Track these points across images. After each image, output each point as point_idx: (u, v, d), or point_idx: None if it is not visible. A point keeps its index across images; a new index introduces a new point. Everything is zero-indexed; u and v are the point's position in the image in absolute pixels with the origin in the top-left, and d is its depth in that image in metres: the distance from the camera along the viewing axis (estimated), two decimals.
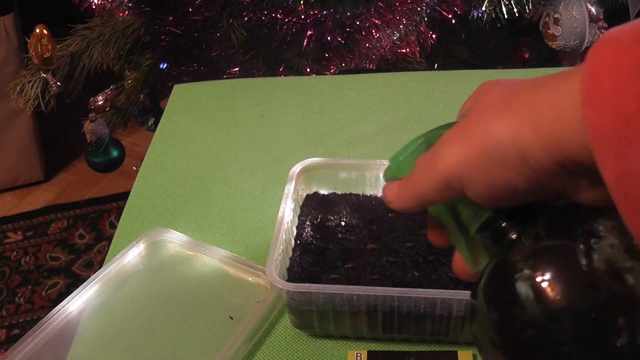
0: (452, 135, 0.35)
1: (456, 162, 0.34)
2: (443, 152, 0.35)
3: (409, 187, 0.38)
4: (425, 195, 0.37)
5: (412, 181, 0.38)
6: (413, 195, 0.38)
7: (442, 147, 0.35)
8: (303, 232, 0.64)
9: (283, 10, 1.37)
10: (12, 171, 2.02)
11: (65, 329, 0.62)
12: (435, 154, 0.35)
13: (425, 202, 0.38)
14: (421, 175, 0.37)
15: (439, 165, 0.35)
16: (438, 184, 0.35)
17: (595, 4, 1.26)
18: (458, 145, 0.34)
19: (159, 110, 1.75)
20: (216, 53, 1.37)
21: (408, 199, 0.38)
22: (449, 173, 0.34)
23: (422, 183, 0.36)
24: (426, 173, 0.36)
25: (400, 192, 0.39)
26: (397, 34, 1.28)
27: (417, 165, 0.38)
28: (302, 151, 0.84)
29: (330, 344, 0.60)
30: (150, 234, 0.70)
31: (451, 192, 0.35)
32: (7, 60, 1.87)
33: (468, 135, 0.33)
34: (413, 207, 0.39)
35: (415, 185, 0.37)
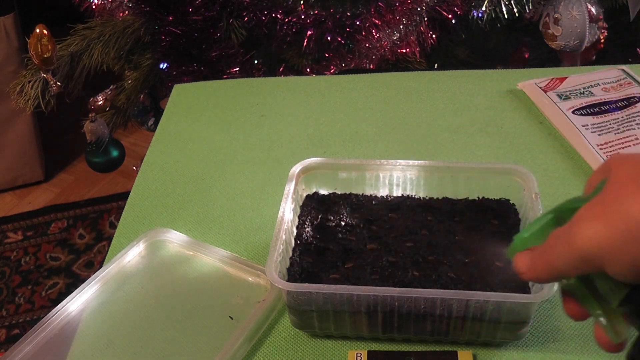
0: (589, 213, 0.36)
1: (596, 242, 0.35)
2: (581, 230, 0.36)
3: (542, 260, 0.40)
4: (560, 270, 0.38)
5: (546, 255, 0.39)
6: (547, 269, 0.39)
7: (580, 224, 0.36)
8: (303, 232, 0.64)
9: (283, 10, 1.37)
10: (12, 171, 2.02)
11: (65, 329, 0.62)
12: (572, 230, 0.36)
13: (559, 275, 0.39)
14: (556, 250, 0.38)
15: (577, 242, 0.36)
16: (575, 260, 0.36)
17: (595, 4, 1.26)
18: (597, 224, 0.35)
19: (159, 110, 1.75)
20: (216, 53, 1.37)
21: (541, 271, 0.40)
22: (587, 251, 0.35)
23: (558, 258, 0.38)
24: (562, 248, 0.37)
25: (532, 264, 0.41)
26: (397, 34, 1.28)
27: (552, 240, 0.39)
28: (302, 151, 0.84)
29: (330, 344, 0.60)
30: (150, 234, 0.70)
31: (589, 268, 0.36)
32: (7, 60, 1.86)
33: (607, 213, 0.34)
34: (546, 279, 0.40)
35: (549, 259, 0.39)
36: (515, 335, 0.57)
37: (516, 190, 0.65)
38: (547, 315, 0.60)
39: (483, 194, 0.67)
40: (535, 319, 0.60)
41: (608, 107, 0.84)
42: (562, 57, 1.36)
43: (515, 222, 0.64)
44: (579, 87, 0.88)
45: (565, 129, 0.83)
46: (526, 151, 0.81)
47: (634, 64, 0.93)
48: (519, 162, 0.78)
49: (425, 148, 0.82)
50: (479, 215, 0.65)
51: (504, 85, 0.92)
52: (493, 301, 0.53)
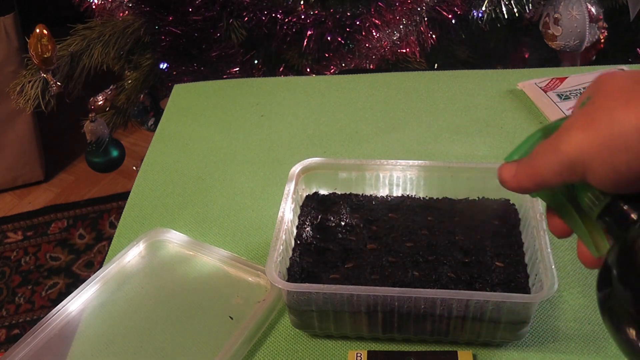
0: (575, 122, 0.36)
1: (581, 147, 0.35)
2: (567, 137, 0.36)
3: (527, 168, 0.40)
4: (544, 177, 0.38)
5: (532, 163, 0.39)
6: (531, 177, 0.39)
7: (566, 132, 0.36)
8: (303, 232, 0.64)
9: (283, 10, 1.37)
10: (12, 171, 2.02)
11: (65, 329, 0.62)
12: (558, 139, 0.37)
13: (543, 183, 0.39)
14: (542, 157, 0.38)
15: (562, 148, 0.36)
16: (560, 167, 0.37)
17: (595, 4, 1.26)
18: (582, 131, 0.35)
19: (159, 110, 1.75)
20: (216, 53, 1.37)
21: (525, 179, 0.40)
22: (572, 157, 0.36)
23: (543, 165, 0.38)
24: (548, 155, 0.38)
25: (517, 173, 0.41)
26: (397, 34, 1.28)
27: (538, 149, 0.39)
28: (302, 151, 0.84)
29: (330, 344, 0.60)
30: (150, 234, 0.70)
31: (572, 176, 0.37)
32: (7, 60, 1.86)
33: (592, 122, 0.35)
34: (529, 187, 0.40)
35: (534, 167, 0.39)
36: (515, 335, 0.57)
37: None
38: (547, 315, 0.60)
39: (483, 194, 0.67)
40: (535, 319, 0.60)
41: None
42: (562, 57, 1.36)
43: (515, 222, 0.64)
44: (579, 87, 0.88)
45: None
46: None
47: (634, 64, 0.93)
48: None
49: (425, 148, 0.82)
50: (479, 215, 0.65)
51: (504, 85, 0.92)
52: (493, 301, 0.53)
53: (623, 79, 0.36)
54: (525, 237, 0.62)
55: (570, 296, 0.62)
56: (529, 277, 0.58)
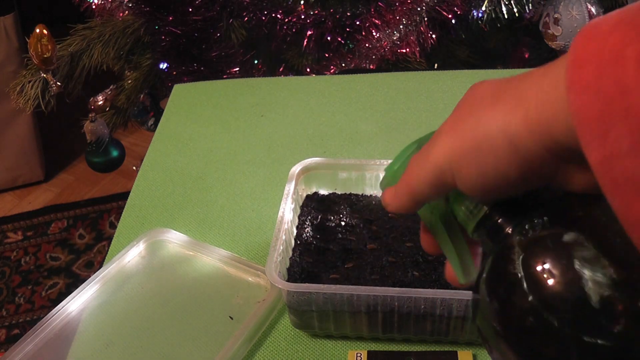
0: (442, 129, 0.35)
1: (446, 153, 0.34)
2: (434, 146, 0.35)
3: (403, 186, 0.39)
4: (418, 191, 0.37)
5: (406, 179, 0.38)
6: (407, 193, 0.38)
7: (434, 142, 0.36)
8: (303, 232, 0.64)
9: (283, 10, 1.37)
10: (12, 171, 2.02)
11: (65, 329, 0.62)
12: (427, 149, 0.36)
13: (419, 198, 0.38)
14: (414, 170, 0.37)
15: (430, 158, 0.35)
16: (430, 176, 0.36)
17: (595, 4, 1.26)
18: (448, 137, 0.34)
19: (159, 110, 1.75)
20: (216, 53, 1.37)
21: (403, 197, 0.39)
22: (439, 164, 0.35)
23: (415, 178, 0.37)
24: (418, 167, 0.37)
25: (395, 193, 0.40)
26: (397, 34, 1.28)
27: (410, 163, 0.38)
28: (302, 151, 0.84)
29: (330, 344, 0.60)
30: (150, 234, 0.70)
31: (443, 184, 0.35)
32: (7, 60, 1.87)
33: (458, 127, 0.34)
34: (408, 205, 0.39)
35: (409, 182, 0.38)
36: None
37: None
38: None
39: None
40: None
41: None
42: None
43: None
44: None
45: None
46: None
47: None
48: None
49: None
50: None
51: None
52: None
53: (490, 84, 0.36)
54: None
55: None
56: None
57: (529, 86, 0.31)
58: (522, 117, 0.31)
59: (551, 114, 0.30)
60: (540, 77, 0.31)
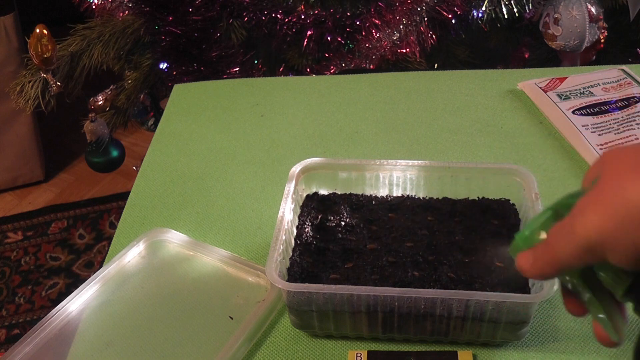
0: (588, 203, 0.36)
1: (597, 229, 0.35)
2: (582, 220, 0.36)
3: (544, 255, 0.40)
4: (563, 262, 0.38)
5: (549, 249, 0.39)
6: (550, 263, 0.39)
7: (580, 214, 0.36)
8: (303, 232, 0.64)
9: (283, 10, 1.37)
10: (12, 171, 2.02)
11: (65, 329, 0.62)
12: (573, 222, 0.37)
13: (562, 268, 0.39)
14: (558, 242, 0.38)
15: (578, 231, 0.36)
16: (578, 250, 0.36)
17: (595, 4, 1.26)
18: (597, 212, 0.35)
19: (159, 110, 1.75)
20: (216, 53, 1.37)
21: (545, 266, 0.40)
22: (590, 240, 0.35)
23: (561, 250, 0.38)
24: (564, 240, 0.37)
25: (536, 260, 0.41)
26: (397, 34, 1.28)
27: (553, 234, 0.39)
28: (302, 151, 0.84)
29: (330, 344, 0.60)
30: (150, 234, 0.70)
31: (592, 258, 0.36)
32: (7, 60, 1.86)
33: (605, 201, 0.35)
34: (549, 273, 0.40)
35: (552, 252, 0.39)
36: (515, 335, 0.57)
37: (516, 190, 0.65)
38: (547, 315, 0.60)
39: (483, 194, 0.67)
40: (535, 319, 0.60)
41: (608, 107, 0.84)
42: (562, 57, 1.36)
43: (515, 222, 0.64)
44: (579, 87, 0.88)
45: (565, 129, 0.83)
46: (526, 151, 0.81)
47: (634, 64, 0.93)
48: (519, 162, 0.78)
49: (425, 148, 0.82)
50: (479, 215, 0.65)
51: (504, 85, 0.92)
52: (493, 301, 0.53)
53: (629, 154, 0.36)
54: None
55: None
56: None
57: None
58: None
59: None
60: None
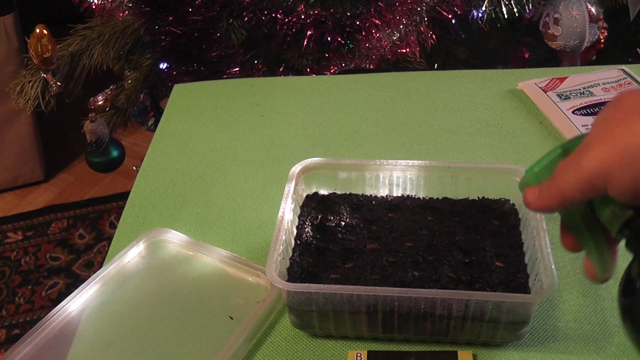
0: (594, 138, 0.38)
1: (601, 162, 0.36)
2: (587, 154, 0.37)
3: (550, 188, 0.41)
4: (567, 194, 0.40)
5: (555, 182, 0.41)
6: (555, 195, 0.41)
7: (586, 149, 0.38)
8: (303, 232, 0.64)
9: (283, 10, 1.37)
10: (12, 171, 2.02)
11: (65, 329, 0.62)
12: (579, 156, 0.38)
13: (566, 201, 0.40)
14: (564, 176, 0.39)
15: (583, 164, 0.37)
16: (582, 183, 0.38)
17: (595, 4, 1.26)
18: (601, 145, 0.36)
19: (159, 110, 1.75)
20: (216, 53, 1.37)
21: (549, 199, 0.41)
22: (593, 172, 0.37)
23: (566, 183, 0.39)
24: (570, 173, 0.39)
25: (541, 194, 0.42)
26: (397, 34, 1.28)
27: (560, 169, 0.40)
28: (302, 151, 0.84)
29: (330, 344, 0.60)
30: (150, 234, 0.70)
31: (594, 190, 0.38)
32: (7, 60, 1.86)
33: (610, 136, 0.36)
34: (553, 206, 0.41)
35: (557, 185, 0.40)
36: (515, 335, 0.57)
37: (516, 190, 0.64)
38: (547, 315, 0.60)
39: (483, 194, 0.67)
40: (535, 319, 0.60)
41: None
42: (562, 57, 1.36)
43: (515, 222, 0.64)
44: (579, 87, 0.88)
45: (565, 129, 0.83)
46: (526, 151, 0.81)
47: (634, 64, 0.93)
48: (519, 162, 0.78)
49: (425, 148, 0.82)
50: (479, 215, 0.65)
51: (504, 85, 0.92)
52: (493, 301, 0.53)
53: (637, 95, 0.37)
54: (525, 237, 0.62)
55: (570, 296, 0.62)
56: (529, 277, 0.58)
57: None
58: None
59: None
60: None
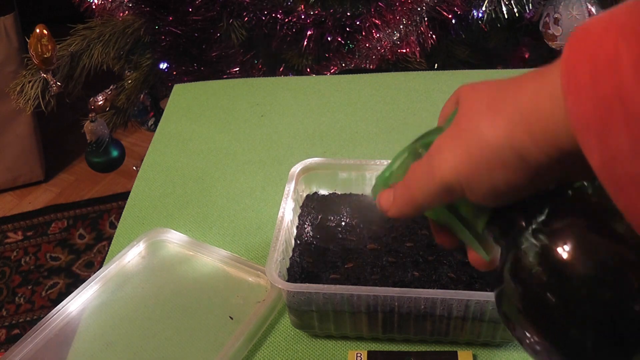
0: (445, 143, 0.36)
1: (455, 169, 0.35)
2: (439, 160, 0.36)
3: (404, 194, 0.40)
4: (422, 202, 0.38)
5: (408, 189, 0.39)
6: (410, 202, 0.39)
7: (437, 154, 0.36)
8: (303, 232, 0.64)
9: (283, 10, 1.37)
10: (12, 171, 2.02)
11: (65, 329, 0.62)
12: (430, 161, 0.37)
13: (423, 208, 0.39)
14: (417, 182, 0.38)
15: (436, 173, 0.36)
16: (437, 190, 0.36)
17: (595, 4, 1.26)
18: (454, 153, 0.35)
19: (159, 110, 1.75)
20: (216, 53, 1.37)
21: (405, 205, 0.40)
22: (447, 180, 0.35)
23: (419, 190, 0.38)
24: (423, 180, 0.37)
25: (395, 200, 0.41)
26: (397, 34, 1.28)
27: (411, 173, 0.39)
28: (302, 151, 0.84)
29: (330, 344, 0.60)
30: (150, 234, 0.70)
31: (451, 197, 0.36)
32: (7, 60, 1.86)
33: (462, 141, 0.34)
34: (410, 213, 0.40)
35: (411, 192, 0.39)
36: None
37: None
38: None
39: None
40: None
41: None
42: None
43: None
44: None
45: None
46: None
47: None
48: None
49: None
50: None
51: None
52: (493, 301, 0.53)
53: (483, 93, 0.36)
54: None
55: None
56: None
57: (527, 97, 0.32)
58: (526, 131, 0.31)
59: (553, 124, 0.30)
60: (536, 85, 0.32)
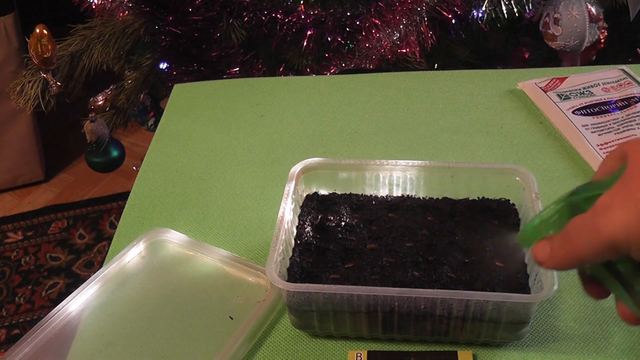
0: (614, 200, 0.37)
1: (624, 229, 0.35)
2: (607, 218, 0.36)
3: (564, 248, 0.40)
4: (584, 257, 0.39)
5: (569, 244, 0.40)
6: (570, 256, 0.40)
7: (604, 212, 0.37)
8: (303, 232, 0.64)
9: (283, 10, 1.37)
10: (12, 171, 2.02)
11: (65, 329, 0.62)
12: (596, 219, 0.37)
13: (583, 263, 0.40)
14: (580, 238, 0.38)
15: (603, 230, 0.36)
16: (601, 248, 0.37)
17: (595, 4, 1.26)
18: (624, 212, 0.36)
19: (159, 110, 1.75)
20: (216, 53, 1.37)
21: (563, 259, 0.40)
22: (615, 239, 0.36)
23: (582, 246, 0.38)
24: (587, 237, 0.38)
25: (553, 253, 0.41)
26: (397, 34, 1.28)
27: (574, 229, 0.39)
28: (302, 151, 0.84)
29: (330, 344, 0.60)
30: (150, 234, 0.70)
31: (614, 255, 0.37)
32: (7, 60, 1.86)
33: (632, 199, 0.35)
34: (569, 266, 0.41)
35: (572, 248, 0.39)
36: (515, 335, 0.57)
37: (516, 190, 0.65)
38: (547, 315, 0.60)
39: (483, 194, 0.67)
40: (535, 319, 0.60)
41: (608, 107, 0.84)
42: (562, 57, 1.36)
43: (515, 222, 0.64)
44: (579, 87, 0.88)
45: (565, 129, 0.83)
46: (526, 151, 0.81)
47: (634, 64, 0.93)
48: (519, 162, 0.78)
49: (425, 148, 0.82)
50: (479, 215, 0.65)
51: (504, 85, 0.92)
52: (493, 301, 0.53)
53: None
54: None
55: (570, 296, 0.62)
56: (529, 277, 0.58)
57: None
58: None
59: None
60: None
